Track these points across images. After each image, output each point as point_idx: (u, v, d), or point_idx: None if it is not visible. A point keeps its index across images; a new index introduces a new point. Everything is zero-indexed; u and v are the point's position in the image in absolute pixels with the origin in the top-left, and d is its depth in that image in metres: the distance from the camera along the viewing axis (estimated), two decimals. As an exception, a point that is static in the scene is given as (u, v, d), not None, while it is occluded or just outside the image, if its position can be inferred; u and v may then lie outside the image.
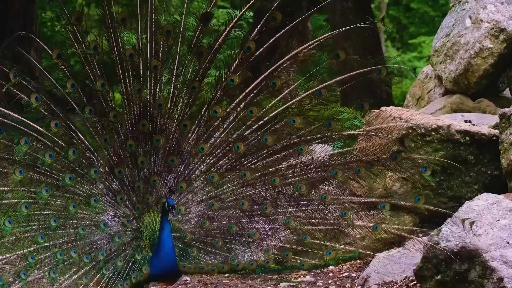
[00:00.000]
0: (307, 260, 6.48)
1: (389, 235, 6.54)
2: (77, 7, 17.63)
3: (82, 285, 6.30)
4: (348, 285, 7.59)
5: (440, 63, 11.19)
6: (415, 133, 8.45)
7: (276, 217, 6.43)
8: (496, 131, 8.38)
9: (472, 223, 5.98)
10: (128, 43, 6.41)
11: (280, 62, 6.32)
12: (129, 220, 6.43)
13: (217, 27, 6.34)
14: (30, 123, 6.29)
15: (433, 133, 8.47)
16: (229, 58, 6.37)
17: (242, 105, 6.36)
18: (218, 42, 6.34)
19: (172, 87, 6.40)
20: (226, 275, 7.83)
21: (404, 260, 7.22)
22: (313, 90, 6.32)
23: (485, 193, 6.50)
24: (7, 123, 6.26)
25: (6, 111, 6.26)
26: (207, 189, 6.44)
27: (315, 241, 6.45)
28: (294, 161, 6.39)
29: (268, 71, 6.32)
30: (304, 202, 6.40)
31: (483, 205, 6.25)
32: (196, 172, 6.43)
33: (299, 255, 6.51)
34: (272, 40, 6.29)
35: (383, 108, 7.99)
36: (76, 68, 6.49)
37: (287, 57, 6.31)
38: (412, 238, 6.37)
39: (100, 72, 6.37)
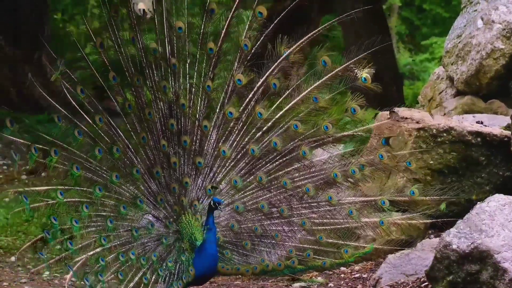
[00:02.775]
0: (327, 259, 6.61)
1: (397, 228, 6.65)
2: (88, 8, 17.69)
3: (142, 286, 6.37)
4: (359, 286, 7.58)
5: (452, 64, 11.15)
6: (426, 134, 8.43)
7: (293, 219, 6.56)
8: (508, 132, 8.37)
9: None
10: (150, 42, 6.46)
11: (276, 64, 6.40)
12: (170, 222, 6.47)
13: (219, 17, 6.38)
14: (83, 114, 6.36)
15: (445, 134, 8.45)
16: (232, 56, 6.43)
17: (251, 106, 6.42)
18: (221, 36, 6.36)
19: (188, 85, 6.45)
20: (238, 276, 7.86)
21: (415, 261, 7.22)
22: (304, 94, 6.41)
23: (496, 194, 6.49)
24: (64, 113, 6.32)
25: (70, 97, 6.32)
26: (231, 192, 6.51)
27: (330, 240, 6.57)
28: (299, 164, 6.49)
29: (268, 72, 6.38)
30: (314, 204, 6.52)
31: (494, 206, 6.24)
32: (220, 175, 6.49)
33: (320, 255, 6.62)
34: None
35: (395, 109, 7.98)
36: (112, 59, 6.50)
37: (280, 59, 6.39)
38: (418, 220, 6.53)
39: (135, 67, 6.41)
